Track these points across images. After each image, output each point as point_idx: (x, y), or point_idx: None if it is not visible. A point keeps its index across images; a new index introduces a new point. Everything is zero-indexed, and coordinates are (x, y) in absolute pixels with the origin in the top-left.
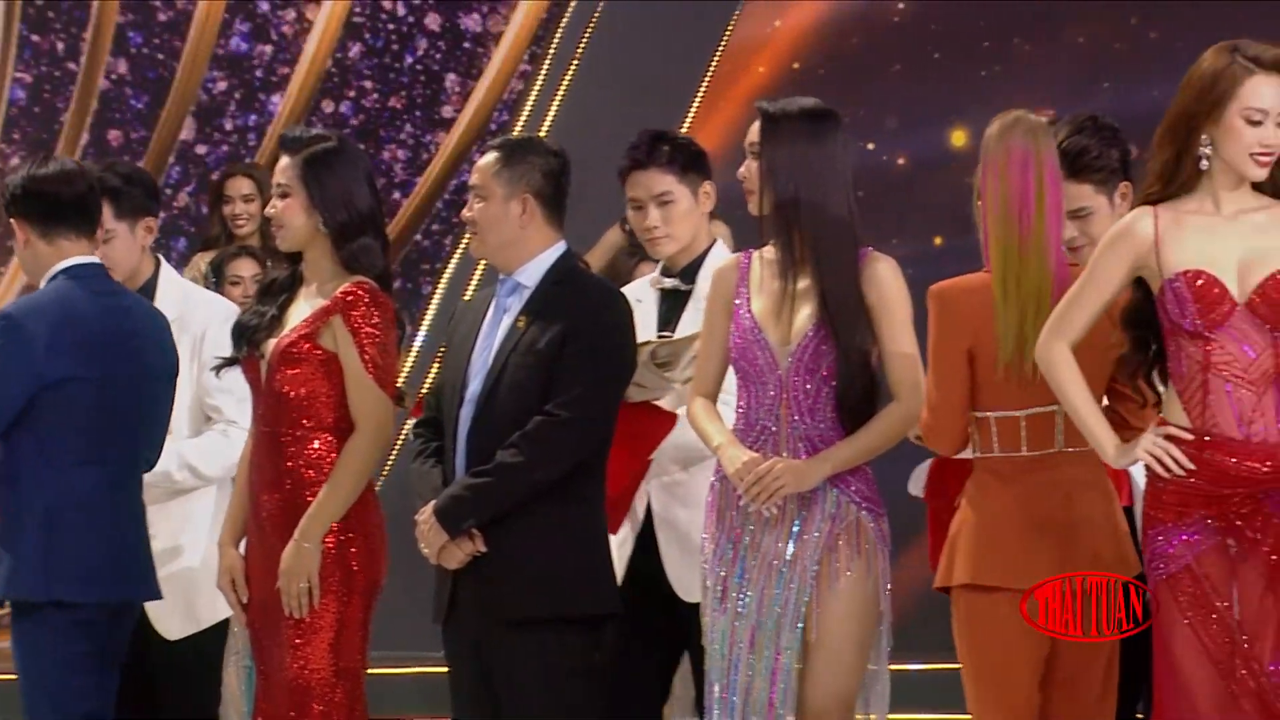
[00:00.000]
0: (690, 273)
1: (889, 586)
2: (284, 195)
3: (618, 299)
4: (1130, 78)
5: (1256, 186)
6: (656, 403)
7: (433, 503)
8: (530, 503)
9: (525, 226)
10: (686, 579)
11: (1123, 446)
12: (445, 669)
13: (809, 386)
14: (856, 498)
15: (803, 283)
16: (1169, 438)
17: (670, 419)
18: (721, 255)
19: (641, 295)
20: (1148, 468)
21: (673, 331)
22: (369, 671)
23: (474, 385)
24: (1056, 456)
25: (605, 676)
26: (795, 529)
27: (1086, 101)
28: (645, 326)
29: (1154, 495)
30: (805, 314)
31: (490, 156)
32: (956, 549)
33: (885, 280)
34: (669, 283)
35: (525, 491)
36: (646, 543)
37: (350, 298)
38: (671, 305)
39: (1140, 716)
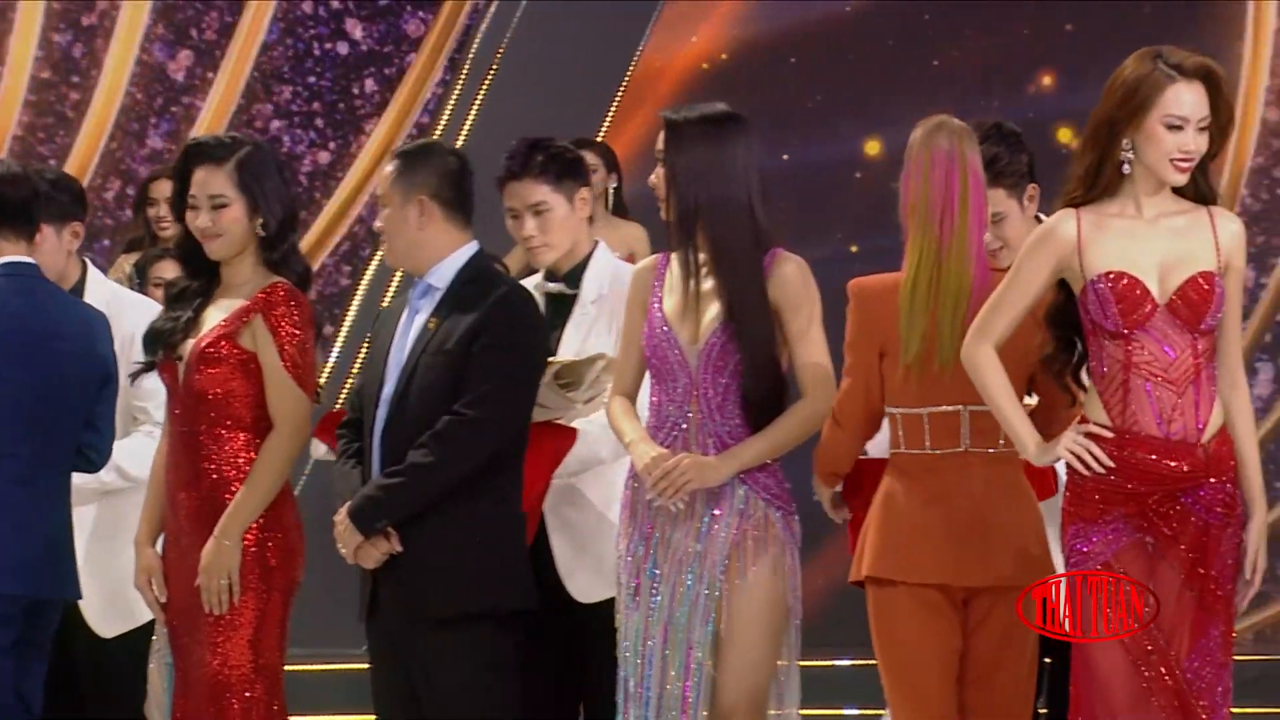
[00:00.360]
0: (574, 277)
1: (798, 583)
2: (221, 206)
3: (525, 297)
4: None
5: (1177, 191)
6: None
7: (348, 503)
8: (443, 501)
9: (424, 229)
10: (580, 579)
11: (1044, 445)
12: (367, 666)
13: (718, 384)
14: (765, 494)
15: (708, 284)
16: (1089, 435)
17: (571, 435)
18: (605, 259)
19: None
20: (1068, 465)
21: (560, 335)
22: (292, 669)
23: (388, 387)
24: (964, 456)
25: (522, 672)
26: (704, 525)
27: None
28: None
29: (1075, 493)
30: (712, 314)
31: (389, 166)
32: (866, 543)
33: (791, 280)
34: (554, 287)
35: (436, 490)
36: (540, 545)
37: (271, 297)
38: (557, 309)
39: (1044, 711)
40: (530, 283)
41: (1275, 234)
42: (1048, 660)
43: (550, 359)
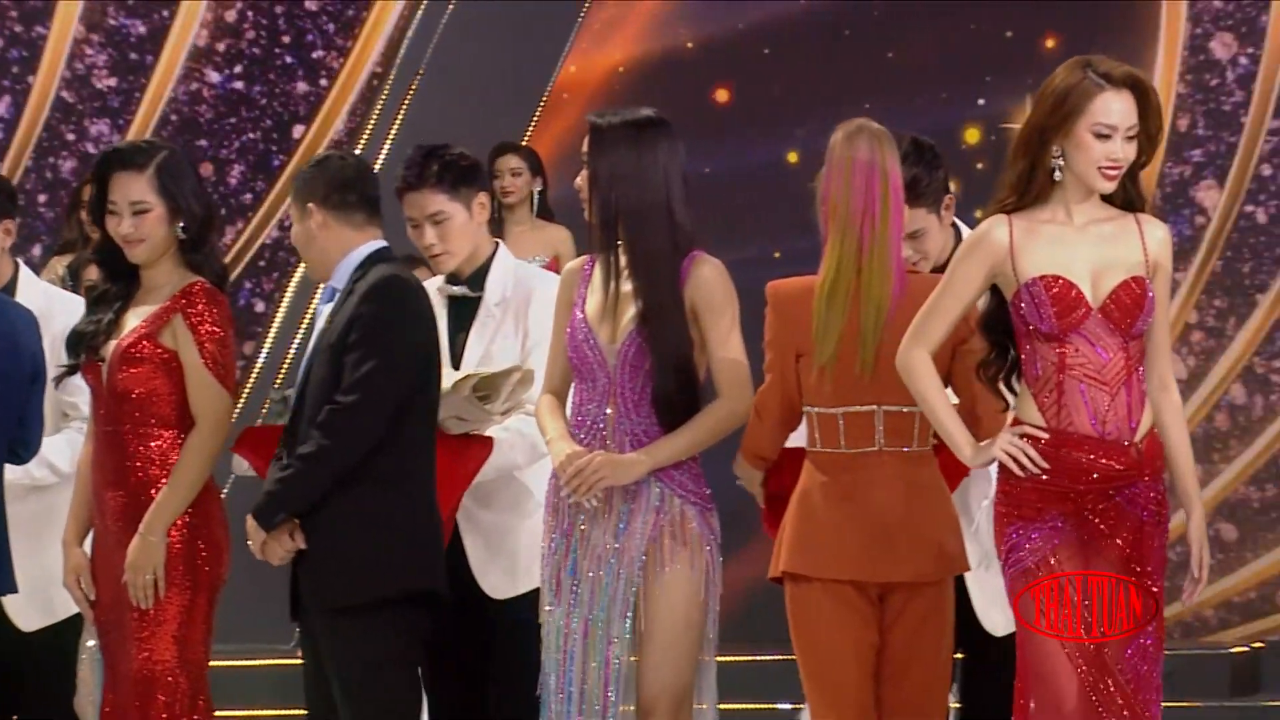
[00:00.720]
0: (477, 280)
1: (717, 579)
2: (142, 211)
3: (398, 284)
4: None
5: (1105, 198)
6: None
7: (260, 498)
8: (334, 490)
9: (319, 235)
10: (493, 576)
11: (979, 446)
12: (294, 661)
13: (634, 384)
14: (681, 492)
15: (627, 285)
16: (1025, 437)
17: (488, 445)
18: (507, 261)
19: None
20: (1002, 466)
21: (465, 338)
22: (221, 664)
23: (296, 388)
24: (879, 455)
25: (423, 660)
26: (622, 523)
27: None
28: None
29: (1010, 492)
30: (630, 314)
31: None
32: (783, 540)
33: (708, 282)
34: (456, 290)
35: (326, 479)
36: (454, 543)
37: (190, 297)
38: (461, 312)
39: (957, 706)
40: (432, 285)
41: (1187, 239)
42: (961, 655)
43: (469, 372)
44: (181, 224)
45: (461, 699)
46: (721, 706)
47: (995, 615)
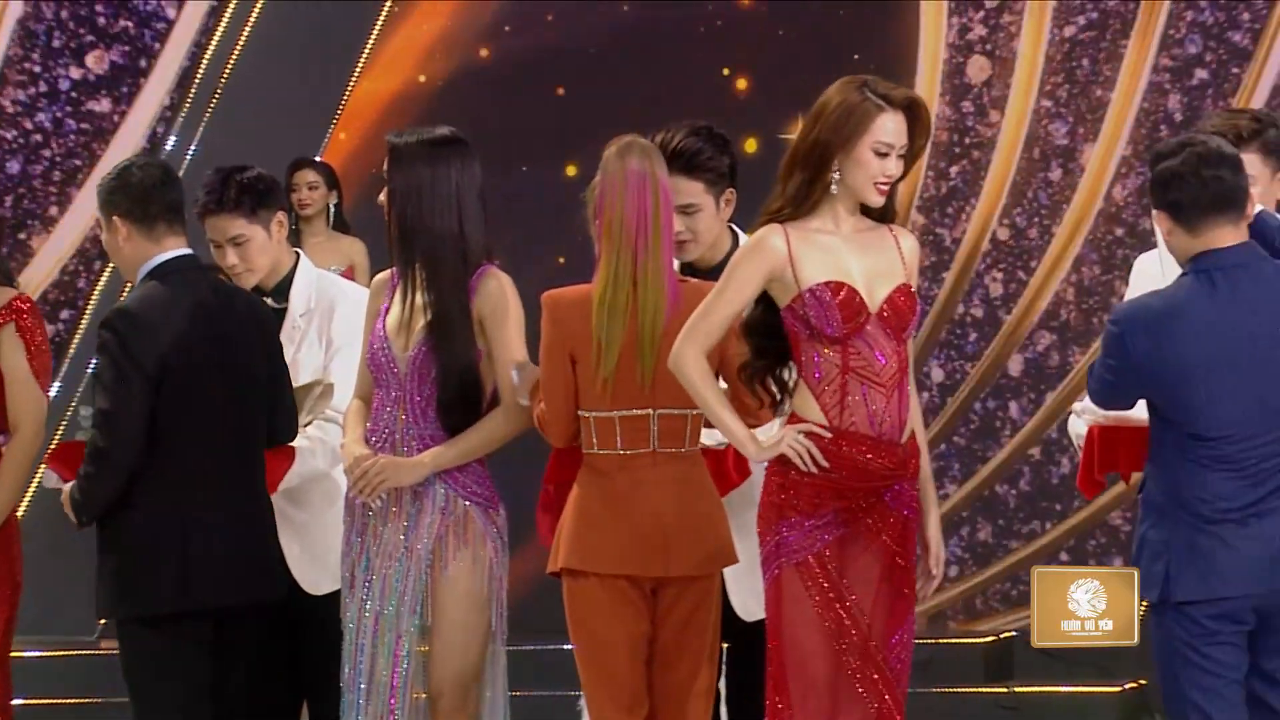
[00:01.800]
0: (281, 292)
1: (502, 573)
2: None
3: (123, 316)
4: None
5: (864, 210)
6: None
7: (69, 486)
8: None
9: (124, 248)
10: (308, 573)
11: (762, 443)
12: (92, 652)
13: (422, 391)
14: (464, 492)
15: (422, 297)
16: (809, 435)
17: (290, 454)
18: (309, 272)
19: None
20: (779, 459)
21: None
22: (26, 656)
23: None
24: (653, 455)
25: (175, 675)
26: (410, 522)
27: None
28: None
29: (785, 487)
30: (421, 325)
31: None
32: (561, 536)
33: (492, 294)
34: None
35: (99, 501)
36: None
37: (19, 309)
38: None
39: (725, 692)
40: None
41: (944, 250)
42: (727, 645)
43: None
44: None
45: (283, 691)
46: (516, 694)
47: (755, 607)
